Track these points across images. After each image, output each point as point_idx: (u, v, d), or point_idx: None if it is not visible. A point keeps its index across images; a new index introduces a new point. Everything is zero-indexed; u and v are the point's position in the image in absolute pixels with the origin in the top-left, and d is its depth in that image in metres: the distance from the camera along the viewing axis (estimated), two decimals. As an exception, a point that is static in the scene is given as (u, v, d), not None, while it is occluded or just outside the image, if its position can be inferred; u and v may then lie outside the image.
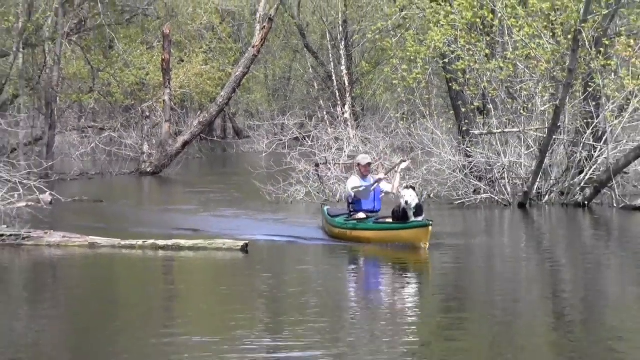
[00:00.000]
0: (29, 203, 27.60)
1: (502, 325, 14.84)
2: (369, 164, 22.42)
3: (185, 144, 45.58)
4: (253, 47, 45.48)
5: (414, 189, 21.31)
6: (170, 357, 12.88)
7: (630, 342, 13.85)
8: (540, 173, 29.70)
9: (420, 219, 20.72)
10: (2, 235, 21.65)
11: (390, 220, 21.59)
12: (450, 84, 35.45)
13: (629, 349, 13.27)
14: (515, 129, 31.64)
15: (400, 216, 21.02)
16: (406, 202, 20.54)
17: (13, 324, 15.52)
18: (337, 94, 41.16)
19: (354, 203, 22.07)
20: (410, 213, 20.60)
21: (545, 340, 14.06)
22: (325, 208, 24.28)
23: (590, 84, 30.78)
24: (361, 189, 21.79)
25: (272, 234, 24.27)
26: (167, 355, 12.97)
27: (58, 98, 41.76)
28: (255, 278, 18.89)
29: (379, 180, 22.17)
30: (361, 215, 21.99)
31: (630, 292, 17.91)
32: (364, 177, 22.26)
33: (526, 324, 14.99)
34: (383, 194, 22.84)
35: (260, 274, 19.24)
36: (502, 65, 31.96)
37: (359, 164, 22.60)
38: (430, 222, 20.33)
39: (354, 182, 22.16)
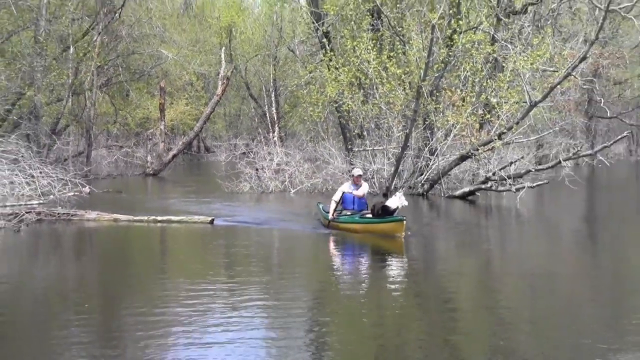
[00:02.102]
0: (75, 193, 27.60)
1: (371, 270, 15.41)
2: (360, 175, 20.47)
3: (174, 156, 45.37)
4: (217, 95, 45.35)
5: (401, 192, 19.10)
6: (165, 287, 13.14)
7: (457, 278, 14.32)
8: (396, 175, 29.98)
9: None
10: (58, 214, 21.63)
11: (370, 215, 19.50)
12: (340, 119, 35.66)
13: (458, 285, 13.75)
14: (381, 147, 31.87)
15: (375, 213, 19.01)
16: (401, 205, 18.56)
17: (63, 270, 15.78)
18: (270, 125, 41.17)
19: (342, 203, 20.16)
20: (394, 212, 18.52)
21: (396, 279, 14.46)
22: (320, 206, 22.13)
23: (427, 119, 31.10)
24: (334, 200, 20.12)
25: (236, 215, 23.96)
26: (162, 288, 13.25)
27: (94, 127, 41.41)
28: (218, 241, 19.07)
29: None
30: (347, 212, 20.06)
31: (450, 245, 18.35)
32: (356, 184, 20.29)
33: (382, 271, 15.51)
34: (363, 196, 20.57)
35: (222, 239, 19.35)
36: (372, 107, 32.23)
37: (352, 175, 20.72)
38: (404, 218, 18.25)
39: (339, 193, 20.27)
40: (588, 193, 34.00)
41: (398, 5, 33.55)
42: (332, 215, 19.99)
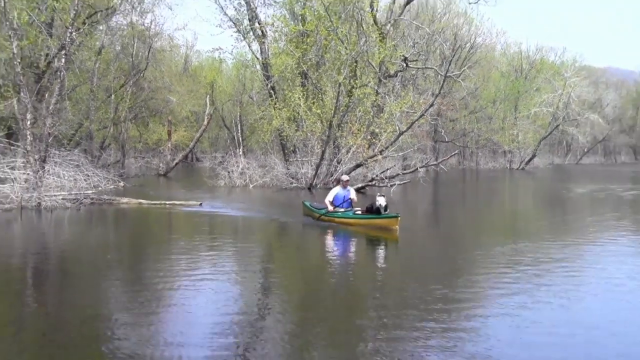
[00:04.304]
0: (114, 186, 27.25)
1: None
2: (347, 181, 17.22)
3: (176, 163, 44.74)
4: (204, 125, 45.03)
5: (384, 196, 16.00)
6: (170, 244, 13.26)
7: (356, 242, 14.61)
8: (316, 176, 30.20)
9: (388, 211, 15.55)
10: (104, 199, 21.42)
11: (359, 212, 16.29)
12: (281, 140, 35.57)
13: (353, 247, 13.90)
14: (307, 159, 31.82)
15: (374, 211, 15.68)
16: (380, 205, 15.47)
17: (106, 234, 15.80)
18: (237, 144, 40.82)
19: (333, 201, 16.82)
20: (382, 210, 15.44)
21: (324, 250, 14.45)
22: (307, 203, 18.48)
23: (336, 141, 31.25)
24: (328, 199, 16.91)
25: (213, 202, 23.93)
26: (169, 244, 13.40)
27: (126, 145, 40.94)
28: (204, 218, 19.02)
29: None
30: (339, 209, 16.82)
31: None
32: (344, 188, 17.00)
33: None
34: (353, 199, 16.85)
35: (207, 216, 19.32)
36: (301, 133, 32.31)
37: (341, 180, 17.33)
38: (399, 215, 15.28)
39: (332, 194, 17.03)
40: (434, 188, 34.82)
41: (318, 70, 33.94)
42: (331, 208, 16.81)
